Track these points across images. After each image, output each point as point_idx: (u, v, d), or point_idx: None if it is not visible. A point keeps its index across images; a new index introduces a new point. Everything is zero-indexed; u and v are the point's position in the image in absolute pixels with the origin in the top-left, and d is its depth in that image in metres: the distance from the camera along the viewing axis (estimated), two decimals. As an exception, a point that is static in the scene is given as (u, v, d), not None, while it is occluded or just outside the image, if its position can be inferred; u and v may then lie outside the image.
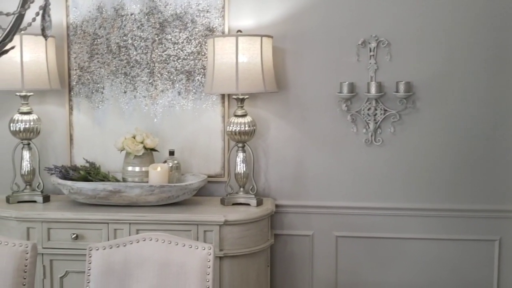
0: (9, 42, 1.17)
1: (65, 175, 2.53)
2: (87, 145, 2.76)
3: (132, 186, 2.43)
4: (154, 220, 2.36)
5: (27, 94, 2.57)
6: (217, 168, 2.71)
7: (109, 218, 2.38)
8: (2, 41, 1.16)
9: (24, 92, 2.55)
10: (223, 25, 2.64)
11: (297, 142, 2.69)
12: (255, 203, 2.49)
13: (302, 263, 2.73)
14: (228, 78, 2.38)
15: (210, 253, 1.77)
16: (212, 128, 2.70)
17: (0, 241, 1.82)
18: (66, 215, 2.40)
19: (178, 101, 2.70)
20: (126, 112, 2.73)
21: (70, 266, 2.41)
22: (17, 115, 2.56)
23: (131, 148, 2.49)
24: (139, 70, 2.70)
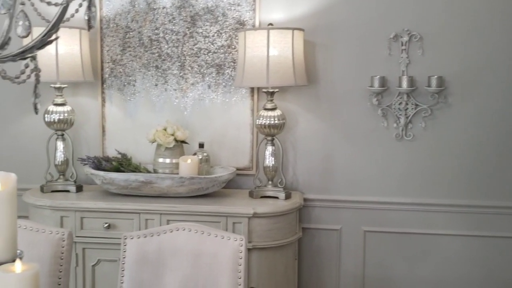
0: (55, 33, 1.20)
1: (98, 165, 2.58)
2: (119, 137, 2.81)
3: (163, 178, 2.46)
4: (184, 211, 2.39)
5: (62, 86, 2.63)
6: (245, 161, 2.73)
7: (140, 208, 2.42)
8: (49, 32, 1.19)
9: (59, 84, 2.61)
10: (254, 19, 2.65)
11: (326, 136, 2.69)
12: (283, 196, 2.50)
13: (330, 257, 2.73)
14: (258, 72, 2.39)
15: (242, 245, 1.78)
16: (241, 121, 2.71)
17: (38, 229, 1.87)
18: (98, 205, 2.44)
19: (208, 94, 2.73)
20: (157, 104, 2.77)
21: (102, 255, 2.47)
22: (51, 107, 2.62)
23: (162, 140, 2.53)
24: (170, 64, 2.73)
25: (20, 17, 1.22)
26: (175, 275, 1.79)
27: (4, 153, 2.89)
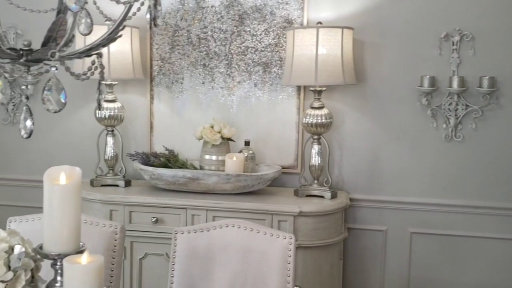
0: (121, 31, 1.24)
1: (146, 161, 2.64)
2: (166, 133, 2.86)
3: (210, 174, 2.49)
4: (230, 208, 2.41)
5: (112, 83, 2.69)
6: (290, 160, 2.73)
7: (187, 204, 2.45)
8: (115, 30, 1.23)
9: (110, 81, 2.68)
10: (302, 17, 2.64)
11: (373, 135, 2.66)
12: (329, 195, 2.49)
13: (375, 258, 2.70)
14: (307, 70, 2.38)
15: (291, 243, 1.79)
16: (286, 120, 2.72)
17: (92, 222, 1.93)
18: (147, 200, 2.50)
19: (254, 92, 2.74)
20: (203, 102, 2.80)
21: (149, 249, 2.52)
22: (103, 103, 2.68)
23: (209, 138, 2.56)
24: (218, 62, 2.76)
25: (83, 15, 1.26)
26: (225, 270, 1.81)
27: (56, 147, 2.99)
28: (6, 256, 1.13)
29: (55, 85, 1.10)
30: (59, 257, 1.20)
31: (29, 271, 1.16)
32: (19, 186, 3.06)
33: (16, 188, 3.07)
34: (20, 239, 1.19)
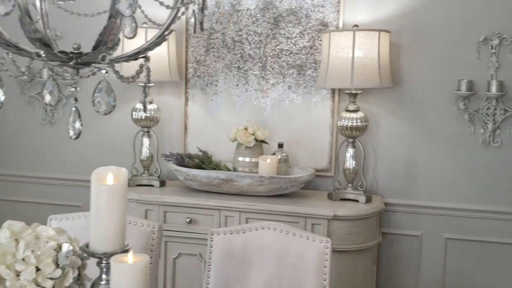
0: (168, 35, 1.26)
1: (181, 162, 2.67)
2: (200, 135, 2.89)
3: (244, 176, 2.50)
4: (263, 210, 2.42)
5: (149, 85, 2.73)
6: (323, 162, 2.72)
7: (221, 205, 2.47)
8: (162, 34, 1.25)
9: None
10: (338, 20, 2.63)
11: (408, 139, 2.63)
12: (364, 199, 2.48)
13: (409, 263, 2.67)
14: (342, 73, 2.38)
15: (328, 247, 1.78)
16: (320, 123, 2.71)
17: (130, 221, 1.96)
18: (181, 200, 2.53)
19: (288, 95, 2.74)
20: (237, 104, 2.82)
21: (183, 248, 2.55)
22: (139, 104, 2.73)
23: (243, 139, 2.57)
24: (252, 64, 2.77)
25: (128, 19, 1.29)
26: (260, 272, 1.82)
27: (92, 147, 3.06)
28: (54, 254, 1.16)
29: (105, 88, 1.13)
30: (104, 255, 1.23)
31: (76, 269, 1.19)
32: (56, 184, 3.14)
33: (53, 187, 3.14)
34: (67, 237, 1.22)
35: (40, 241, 1.17)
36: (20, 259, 1.13)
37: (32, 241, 1.17)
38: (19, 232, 1.19)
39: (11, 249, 1.15)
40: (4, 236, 1.16)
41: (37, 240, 1.17)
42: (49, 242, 1.18)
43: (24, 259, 1.14)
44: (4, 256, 1.14)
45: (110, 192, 1.22)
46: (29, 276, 1.13)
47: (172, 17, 1.23)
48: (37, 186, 3.16)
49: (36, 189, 3.16)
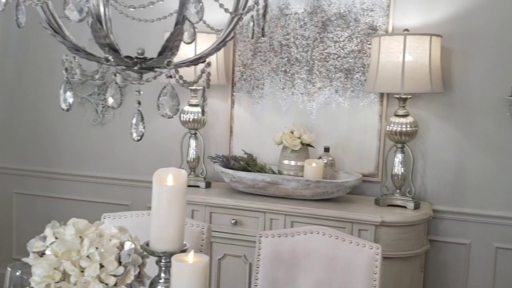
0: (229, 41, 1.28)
1: (227, 164, 2.70)
2: (245, 137, 2.91)
3: (289, 179, 2.51)
4: (309, 214, 2.42)
5: (197, 88, 2.78)
6: (370, 168, 2.69)
7: (266, 208, 2.49)
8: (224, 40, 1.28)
9: (195, 87, 2.76)
10: (387, 24, 2.61)
11: (458, 145, 2.58)
12: (412, 206, 2.44)
13: (457, 272, 2.61)
14: (392, 77, 2.35)
15: (378, 253, 1.77)
16: (368, 127, 2.69)
17: (179, 221, 2.01)
18: (227, 202, 2.55)
19: (335, 98, 2.73)
20: (283, 108, 2.83)
21: (228, 250, 2.57)
22: (187, 107, 2.78)
23: (288, 143, 2.58)
24: (299, 68, 2.78)
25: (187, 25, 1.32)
26: (309, 276, 1.82)
27: (140, 148, 3.13)
28: (117, 252, 1.20)
29: (170, 92, 1.16)
30: (164, 254, 1.26)
31: (137, 267, 1.22)
32: (105, 184, 3.22)
33: (103, 186, 3.23)
34: (129, 236, 1.26)
35: (103, 239, 1.21)
36: (85, 256, 1.18)
37: (95, 238, 1.21)
38: (83, 229, 1.23)
39: (76, 246, 1.19)
40: (69, 233, 1.21)
41: (100, 238, 1.22)
42: (112, 240, 1.22)
43: (88, 256, 1.18)
44: (69, 253, 1.18)
45: (170, 193, 1.25)
46: (93, 272, 1.17)
47: (234, 23, 1.25)
48: (87, 185, 3.26)
49: (86, 188, 3.26)
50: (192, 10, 1.08)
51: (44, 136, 3.33)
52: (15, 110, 3.38)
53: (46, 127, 3.32)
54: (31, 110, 3.35)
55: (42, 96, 3.31)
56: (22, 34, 3.31)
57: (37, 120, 3.34)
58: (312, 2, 2.72)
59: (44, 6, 1.16)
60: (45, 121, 3.32)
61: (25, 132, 3.37)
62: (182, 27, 1.14)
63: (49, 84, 3.29)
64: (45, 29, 1.20)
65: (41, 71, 3.31)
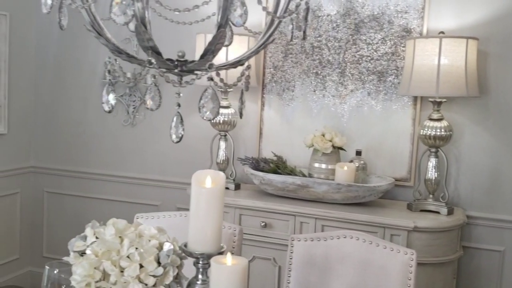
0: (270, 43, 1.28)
1: (256, 166, 2.70)
2: (274, 140, 2.90)
3: (320, 183, 2.49)
4: (340, 218, 2.40)
5: (228, 90, 2.78)
6: (402, 172, 2.66)
7: (296, 211, 2.47)
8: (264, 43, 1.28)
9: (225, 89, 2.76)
10: (422, 26, 2.57)
11: (494, 150, 2.52)
12: (445, 211, 2.39)
13: (490, 279, 2.55)
14: (427, 80, 2.31)
15: (413, 259, 1.74)
16: (400, 131, 2.65)
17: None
18: (257, 204, 2.55)
19: (367, 101, 2.71)
20: (313, 110, 2.82)
21: (257, 252, 2.57)
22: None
23: (320, 146, 2.56)
24: (330, 70, 2.76)
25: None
26: (341, 281, 1.80)
27: (170, 148, 3.15)
28: (156, 253, 1.21)
29: (211, 95, 1.16)
30: (202, 256, 1.26)
31: (175, 268, 1.23)
32: (135, 184, 3.26)
33: (133, 186, 3.27)
34: (167, 236, 1.26)
35: (142, 239, 1.22)
36: (125, 256, 1.19)
37: (135, 239, 1.22)
38: (123, 229, 1.24)
39: (116, 245, 1.20)
40: (109, 233, 1.22)
41: (140, 238, 1.23)
42: (151, 241, 1.22)
43: (128, 256, 1.19)
44: (109, 252, 1.19)
45: (208, 195, 1.25)
46: (133, 272, 1.18)
47: (275, 26, 1.25)
48: (118, 185, 3.30)
49: (117, 188, 3.30)
50: (236, 13, 1.08)
51: (76, 136, 3.39)
52: (48, 110, 3.45)
53: (78, 128, 3.38)
54: (63, 111, 3.41)
55: (75, 97, 3.37)
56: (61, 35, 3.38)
57: (69, 121, 3.40)
58: (345, 4, 2.70)
59: (87, 9, 1.18)
60: (77, 122, 3.37)
61: (57, 132, 3.44)
62: (225, 30, 1.14)
63: (83, 86, 3.34)
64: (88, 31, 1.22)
65: (74, 73, 3.36)
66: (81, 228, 3.15)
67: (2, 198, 3.27)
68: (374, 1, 2.65)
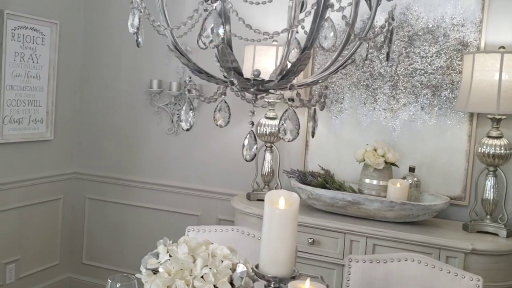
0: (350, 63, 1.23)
1: (303, 180, 2.64)
2: (321, 152, 2.84)
3: (372, 200, 2.42)
4: (393, 237, 2.32)
5: (276, 101, 2.74)
6: (457, 190, 2.56)
7: (346, 228, 2.40)
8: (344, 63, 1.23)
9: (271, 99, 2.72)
10: (479, 40, 2.48)
11: (556, 171, 2.41)
12: (504, 234, 2.29)
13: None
14: (487, 97, 2.23)
15: (479, 285, 1.67)
16: (455, 147, 2.56)
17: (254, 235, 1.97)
18: (305, 219, 2.49)
19: (420, 116, 2.63)
20: (363, 123, 2.75)
21: (304, 269, 2.49)
22: (263, 120, 2.75)
23: (371, 161, 2.49)
24: (382, 83, 2.69)
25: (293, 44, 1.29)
26: (403, 306, 1.73)
27: (213, 159, 3.12)
28: (229, 274, 1.17)
29: (291, 116, 1.12)
30: (274, 279, 1.22)
31: (247, 291, 1.19)
32: (177, 193, 3.23)
33: (174, 195, 3.25)
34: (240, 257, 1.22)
35: (215, 259, 1.18)
36: (199, 276, 1.15)
37: (208, 258, 1.18)
38: (195, 248, 1.21)
39: (189, 265, 1.16)
40: (182, 252, 1.19)
41: (213, 258, 1.19)
42: (224, 261, 1.18)
43: (202, 276, 1.15)
44: (182, 271, 1.16)
45: (282, 217, 1.21)
46: (206, 293, 1.14)
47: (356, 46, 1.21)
48: (159, 193, 3.28)
49: (158, 196, 3.29)
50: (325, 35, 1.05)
51: (120, 144, 3.39)
52: (93, 117, 3.47)
53: (121, 135, 3.38)
54: (107, 118, 3.42)
55: (119, 105, 3.38)
56: (107, 44, 3.40)
57: (113, 128, 3.41)
58: (398, 16, 2.63)
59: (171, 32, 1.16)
60: (121, 129, 3.38)
61: (101, 139, 3.45)
62: (310, 52, 1.10)
63: (128, 94, 3.35)
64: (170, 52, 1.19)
65: (119, 82, 3.37)
66: (121, 235, 3.16)
67: (45, 203, 3.29)
68: (429, 14, 2.58)
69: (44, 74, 3.19)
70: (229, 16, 1.11)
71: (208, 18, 1.01)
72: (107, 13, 3.38)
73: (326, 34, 1.04)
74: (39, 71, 3.16)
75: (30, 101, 3.12)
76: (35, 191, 3.19)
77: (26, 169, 3.12)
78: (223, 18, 1.04)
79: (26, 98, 3.09)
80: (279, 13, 2.58)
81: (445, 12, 2.55)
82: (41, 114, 3.20)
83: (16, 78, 3.01)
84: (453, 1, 2.53)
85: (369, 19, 1.19)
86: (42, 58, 3.16)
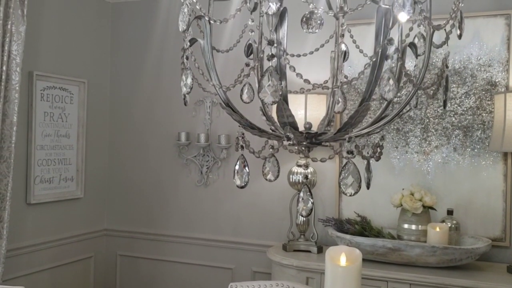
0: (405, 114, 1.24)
1: (340, 227, 2.61)
2: (355, 199, 2.80)
3: (413, 246, 2.37)
4: (438, 284, 2.25)
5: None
6: (496, 231, 2.50)
7: (389, 276, 2.34)
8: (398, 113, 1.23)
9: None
10: (507, 79, 2.49)
11: None
12: (553, 275, 2.22)
13: None
14: (524, 136, 2.21)
15: (543, 334, 1.60)
16: (491, 187, 2.52)
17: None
18: (345, 268, 2.44)
19: (453, 157, 2.60)
20: (396, 167, 2.73)
21: (347, 320, 2.43)
22: (295, 168, 2.74)
23: (409, 206, 2.46)
24: (412, 126, 2.69)
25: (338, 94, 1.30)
26: None
27: (245, 209, 3.10)
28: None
29: (351, 170, 1.11)
30: None
31: None
32: (208, 246, 3.20)
33: (205, 248, 3.21)
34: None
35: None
36: None
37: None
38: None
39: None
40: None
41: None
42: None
43: None
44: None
45: (345, 274, 1.18)
46: None
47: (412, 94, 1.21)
48: (191, 247, 3.25)
49: (190, 250, 3.25)
50: (386, 87, 1.06)
51: (149, 198, 3.39)
52: (122, 173, 3.49)
53: (150, 189, 3.39)
54: (136, 173, 3.44)
55: (148, 159, 3.40)
56: (133, 101, 3.46)
57: (142, 183, 3.42)
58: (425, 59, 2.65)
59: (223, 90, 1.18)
60: (150, 183, 3.39)
61: (130, 194, 3.46)
62: (369, 104, 1.11)
63: (156, 148, 3.38)
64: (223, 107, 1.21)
65: (147, 136, 3.41)
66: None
67: (77, 262, 3.27)
68: (455, 56, 2.60)
69: (74, 132, 3.24)
70: (285, 72, 1.13)
71: (265, 75, 1.02)
72: (133, 69, 3.45)
73: (386, 86, 1.05)
74: (69, 130, 3.21)
75: (60, 159, 3.16)
76: (66, 251, 3.18)
77: (57, 229, 3.12)
78: (280, 73, 1.05)
79: (56, 157, 3.13)
80: (321, 64, 2.57)
81: (471, 54, 2.58)
82: (71, 172, 3.23)
83: (46, 138, 3.06)
84: (478, 43, 2.56)
85: (423, 67, 1.20)
86: (71, 116, 3.22)
